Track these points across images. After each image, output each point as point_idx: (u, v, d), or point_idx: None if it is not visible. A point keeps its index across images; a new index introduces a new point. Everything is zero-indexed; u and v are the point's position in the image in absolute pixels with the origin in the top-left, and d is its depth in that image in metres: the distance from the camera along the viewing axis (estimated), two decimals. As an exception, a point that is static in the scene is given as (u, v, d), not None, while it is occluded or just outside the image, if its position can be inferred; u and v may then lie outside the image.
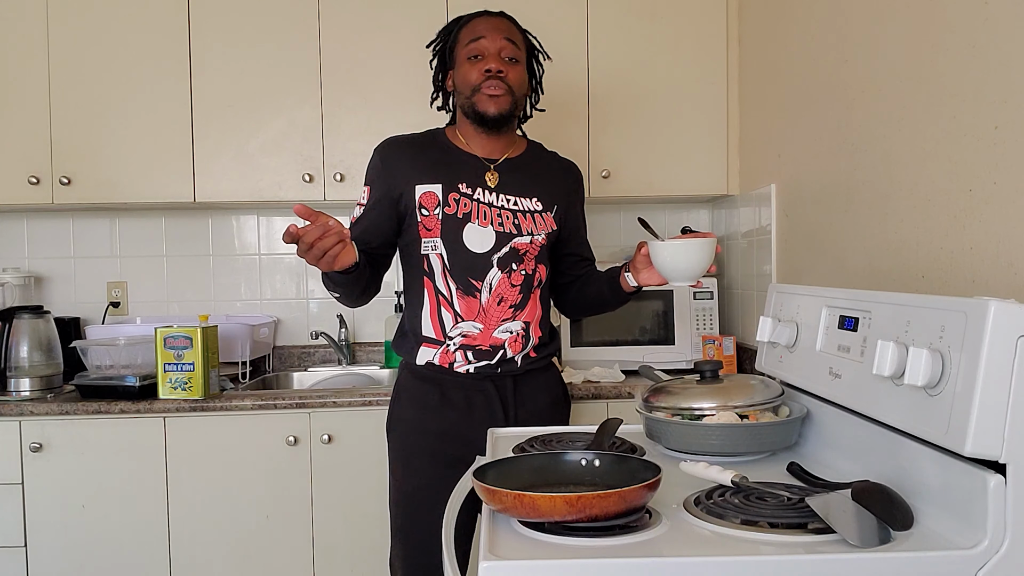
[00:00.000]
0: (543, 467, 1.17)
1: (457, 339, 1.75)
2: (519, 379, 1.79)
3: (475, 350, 1.75)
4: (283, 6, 2.56)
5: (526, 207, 1.78)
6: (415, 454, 1.77)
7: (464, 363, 1.75)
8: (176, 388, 2.28)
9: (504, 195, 1.77)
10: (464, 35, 1.74)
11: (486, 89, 1.70)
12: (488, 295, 1.74)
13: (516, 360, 1.77)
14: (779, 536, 0.97)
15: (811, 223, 2.05)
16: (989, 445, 0.93)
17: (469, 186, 1.75)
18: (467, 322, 1.74)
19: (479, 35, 1.71)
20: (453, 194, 1.74)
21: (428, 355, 1.76)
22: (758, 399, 1.40)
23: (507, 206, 1.76)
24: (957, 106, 1.39)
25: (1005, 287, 1.26)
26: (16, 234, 2.89)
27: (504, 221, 1.75)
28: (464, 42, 1.73)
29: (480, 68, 1.70)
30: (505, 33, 1.72)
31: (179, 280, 2.92)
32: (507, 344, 1.76)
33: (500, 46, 1.71)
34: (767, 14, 2.34)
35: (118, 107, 2.54)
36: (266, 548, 2.31)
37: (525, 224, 1.77)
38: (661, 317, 2.61)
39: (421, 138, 1.82)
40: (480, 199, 1.75)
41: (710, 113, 2.63)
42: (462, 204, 1.74)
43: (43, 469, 2.26)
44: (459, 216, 1.73)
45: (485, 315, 1.75)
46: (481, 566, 0.91)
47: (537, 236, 1.78)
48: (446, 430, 1.75)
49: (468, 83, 1.72)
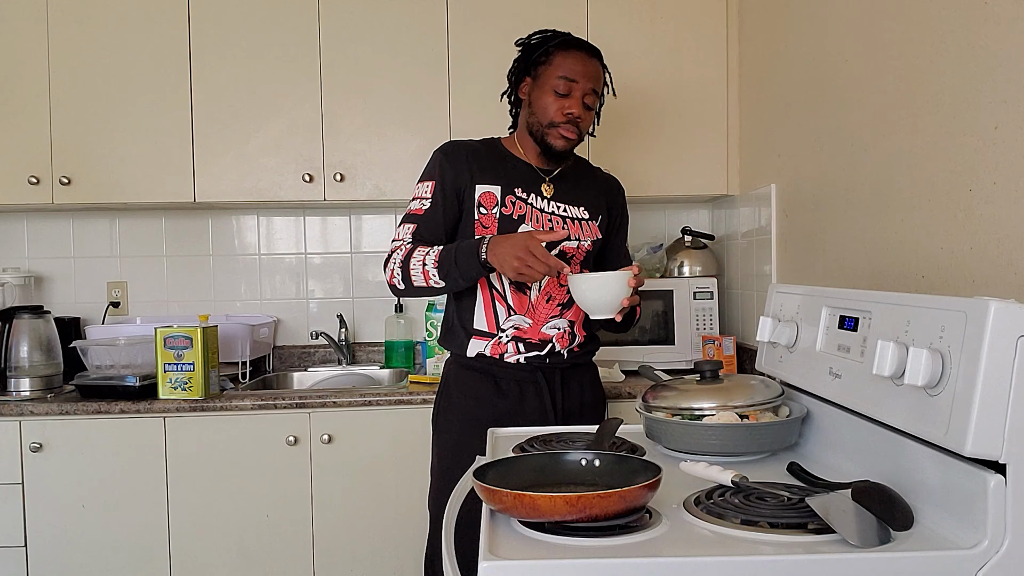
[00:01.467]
0: (543, 467, 1.17)
1: (510, 331, 1.83)
2: (566, 372, 1.87)
3: (526, 342, 1.83)
4: (283, 6, 2.56)
5: (575, 214, 1.89)
6: (467, 444, 1.78)
7: (515, 353, 1.82)
8: (176, 388, 2.28)
9: (556, 203, 1.87)
10: (559, 63, 1.79)
11: (563, 131, 1.79)
12: (537, 292, 1.84)
13: (563, 354, 1.85)
14: (779, 536, 0.98)
15: (811, 223, 2.05)
16: (989, 445, 0.93)
17: (525, 191, 1.85)
18: (518, 316, 1.83)
19: (573, 76, 1.78)
20: (510, 196, 1.83)
21: (479, 347, 1.83)
22: (758, 399, 1.40)
23: (558, 212, 1.87)
24: (957, 106, 1.39)
25: (1005, 287, 1.26)
26: (16, 234, 2.89)
27: (554, 225, 1.85)
28: (556, 72, 1.79)
29: (563, 108, 1.78)
30: (594, 83, 1.81)
31: (179, 280, 2.92)
32: (555, 339, 1.84)
33: (586, 92, 1.79)
34: (767, 14, 2.34)
35: (118, 107, 2.54)
36: (266, 548, 2.31)
37: (574, 230, 1.87)
38: (661, 317, 2.61)
39: (480, 144, 1.91)
40: (534, 204, 1.85)
41: (710, 113, 2.63)
42: (518, 206, 1.83)
43: (43, 469, 2.26)
44: (515, 217, 1.82)
45: (534, 311, 1.83)
46: (481, 566, 0.91)
47: (584, 242, 1.88)
48: (499, 420, 1.79)
49: (547, 115, 1.79)
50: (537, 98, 1.81)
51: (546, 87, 1.80)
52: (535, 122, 1.82)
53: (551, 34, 1.85)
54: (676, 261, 2.75)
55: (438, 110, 2.56)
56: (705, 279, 2.63)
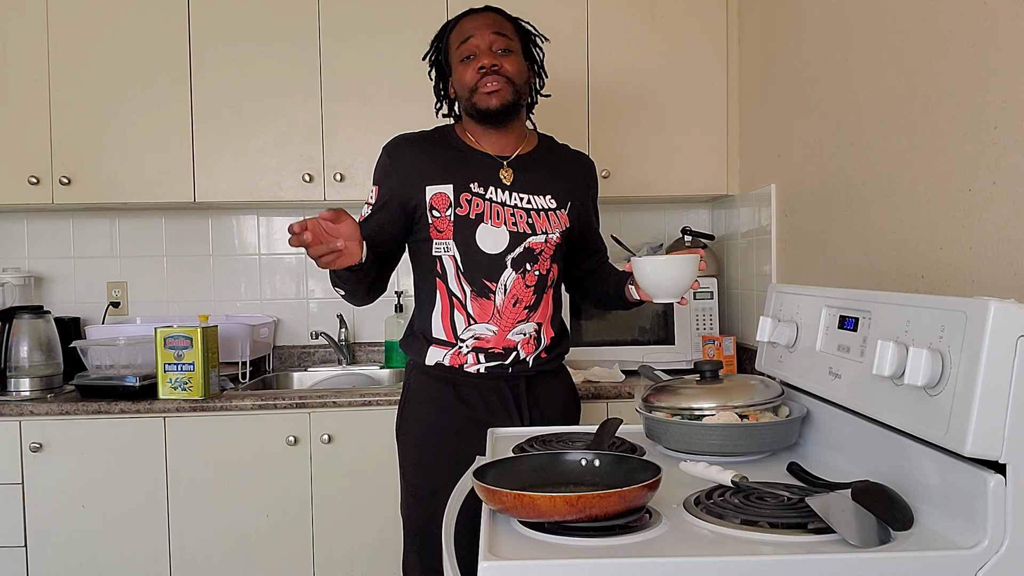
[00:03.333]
0: (543, 467, 1.17)
1: (469, 341, 1.72)
2: (531, 380, 1.77)
3: (487, 352, 1.72)
4: (283, 6, 2.56)
5: (540, 205, 1.75)
6: (431, 455, 1.73)
7: (475, 363, 1.72)
8: (176, 388, 2.28)
9: (518, 193, 1.73)
10: (454, 39, 1.73)
11: (482, 87, 1.67)
12: (503, 297, 1.71)
13: (528, 361, 1.75)
14: (779, 536, 0.97)
15: (811, 223, 2.05)
16: (989, 445, 0.93)
17: (481, 185, 1.71)
18: (480, 324, 1.72)
19: (467, 35, 1.69)
20: (465, 194, 1.70)
21: (437, 356, 1.74)
22: (758, 399, 1.40)
23: (520, 205, 1.73)
24: (957, 106, 1.39)
25: (1005, 287, 1.26)
26: (16, 234, 2.89)
27: (518, 220, 1.71)
28: (455, 45, 1.72)
29: (473, 67, 1.68)
30: (493, 27, 1.70)
31: (179, 280, 2.92)
32: (519, 346, 1.73)
33: (490, 41, 1.69)
34: (767, 14, 2.34)
35: (118, 107, 2.54)
36: (266, 548, 2.31)
37: (539, 223, 1.73)
38: (661, 317, 2.61)
39: (430, 136, 1.78)
40: (493, 198, 1.71)
41: (710, 113, 2.63)
42: (474, 204, 1.70)
43: (43, 469, 2.26)
44: (471, 217, 1.69)
45: (500, 317, 1.72)
46: (481, 566, 0.91)
47: (552, 235, 1.75)
48: (463, 428, 1.72)
49: (465, 85, 1.70)
50: (455, 80, 1.73)
51: (455, 66, 1.72)
52: (464, 101, 1.72)
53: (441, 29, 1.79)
54: (676, 261, 2.75)
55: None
56: (705, 279, 2.63)
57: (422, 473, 1.74)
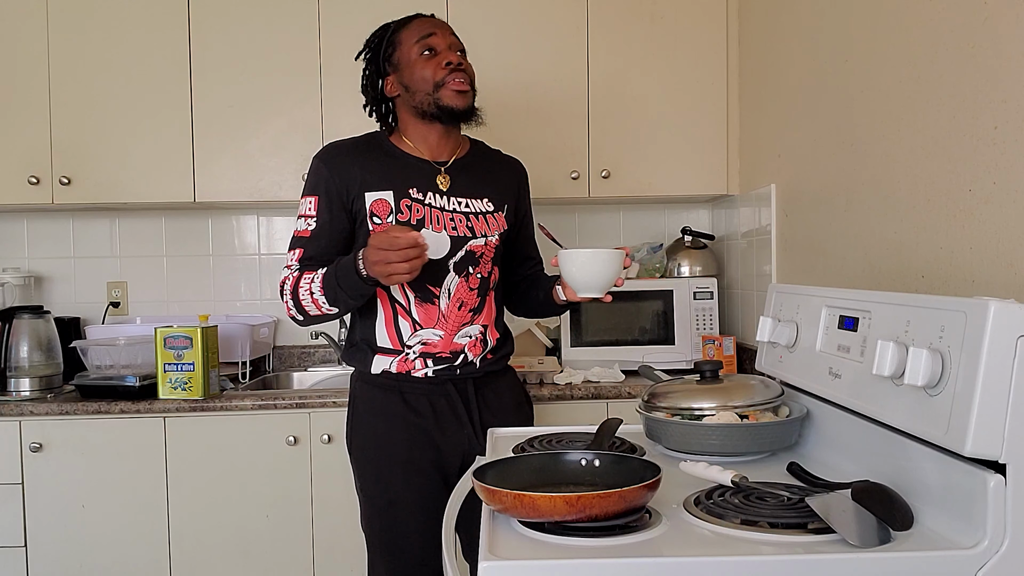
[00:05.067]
0: (543, 467, 1.17)
1: (416, 347, 1.71)
2: (479, 381, 1.76)
3: (435, 357, 1.71)
4: (283, 6, 2.56)
5: (478, 208, 1.75)
6: (385, 467, 1.71)
7: (423, 368, 1.71)
8: (176, 388, 2.28)
9: (456, 198, 1.73)
10: (408, 35, 1.71)
11: (452, 84, 1.66)
12: (448, 301, 1.71)
13: (475, 363, 1.74)
14: (779, 536, 0.98)
15: (811, 223, 2.05)
16: (989, 445, 0.93)
17: (420, 191, 1.70)
18: (426, 329, 1.71)
19: (429, 32, 1.69)
20: (405, 200, 1.69)
21: (384, 364, 1.71)
22: (758, 399, 1.40)
23: (459, 209, 1.73)
24: (957, 106, 1.39)
25: (1005, 287, 1.26)
26: (16, 234, 2.89)
27: (458, 224, 1.71)
28: (411, 41, 1.70)
29: (439, 62, 1.67)
30: (450, 32, 1.73)
31: (179, 280, 2.92)
32: (467, 348, 1.73)
33: (450, 41, 1.71)
34: (767, 14, 2.34)
35: (118, 107, 2.54)
36: (266, 548, 2.31)
37: (479, 226, 1.74)
38: (661, 317, 2.61)
39: (364, 142, 1.77)
40: (432, 204, 1.70)
41: (710, 113, 2.63)
42: (415, 210, 1.69)
43: (43, 469, 2.26)
44: (413, 223, 1.68)
45: (446, 321, 1.71)
46: (481, 566, 0.91)
47: (491, 237, 1.75)
48: (413, 437, 1.70)
49: (428, 79, 1.67)
50: (409, 77, 1.69)
51: (411, 61, 1.68)
52: (421, 97, 1.68)
53: (380, 28, 1.77)
54: (676, 261, 2.75)
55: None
56: (705, 279, 2.63)
57: (378, 485, 1.72)
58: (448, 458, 1.72)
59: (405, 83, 1.71)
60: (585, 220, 2.96)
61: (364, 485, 1.75)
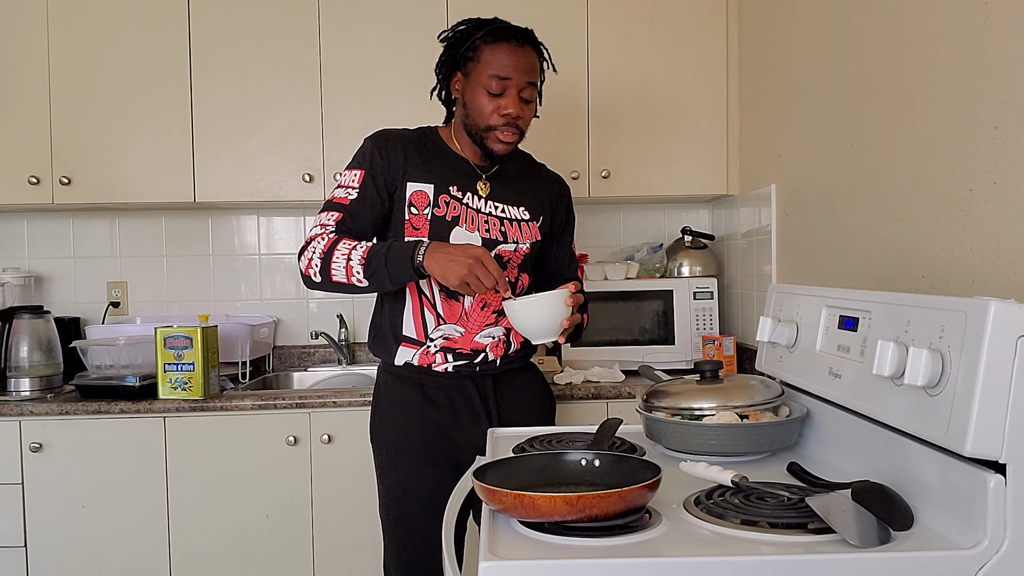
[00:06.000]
0: (543, 467, 1.18)
1: (438, 341, 1.74)
2: (498, 378, 1.80)
3: (455, 352, 1.74)
4: (283, 6, 2.56)
5: (513, 215, 1.78)
6: (401, 456, 1.76)
7: (443, 363, 1.75)
8: (176, 388, 2.28)
9: (493, 202, 1.76)
10: (488, 59, 1.65)
11: (501, 135, 1.67)
12: (471, 299, 1.74)
13: (496, 361, 1.78)
14: (779, 536, 0.98)
15: (811, 223, 2.05)
16: (989, 445, 0.93)
17: (460, 190, 1.74)
18: (449, 325, 1.74)
19: (506, 73, 1.64)
20: (444, 196, 1.72)
21: (407, 355, 1.76)
22: (758, 399, 1.40)
23: (495, 213, 1.76)
24: (957, 106, 1.39)
25: (1005, 287, 1.26)
26: (16, 234, 2.89)
27: (491, 228, 1.74)
28: (486, 70, 1.65)
29: (500, 109, 1.65)
30: (528, 76, 1.67)
31: (179, 280, 2.92)
32: (488, 348, 1.76)
33: (521, 87, 1.66)
34: (767, 14, 2.34)
35: (118, 107, 2.54)
36: (266, 548, 2.31)
37: (511, 232, 1.77)
38: (661, 317, 2.61)
39: (415, 135, 1.79)
40: (469, 204, 1.74)
41: (710, 113, 2.63)
42: (452, 207, 1.72)
43: (43, 469, 2.26)
44: (448, 219, 1.71)
45: (468, 319, 1.74)
46: (481, 566, 0.91)
47: (522, 245, 1.78)
48: (429, 429, 1.75)
49: (483, 117, 1.67)
50: (471, 98, 1.68)
51: (478, 87, 1.66)
52: (472, 124, 1.69)
53: (474, 24, 1.70)
54: (676, 261, 2.75)
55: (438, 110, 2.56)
56: (705, 279, 2.63)
57: (394, 474, 1.77)
58: (463, 452, 1.74)
59: (466, 99, 1.71)
60: (585, 220, 2.96)
61: (382, 474, 1.81)
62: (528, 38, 1.69)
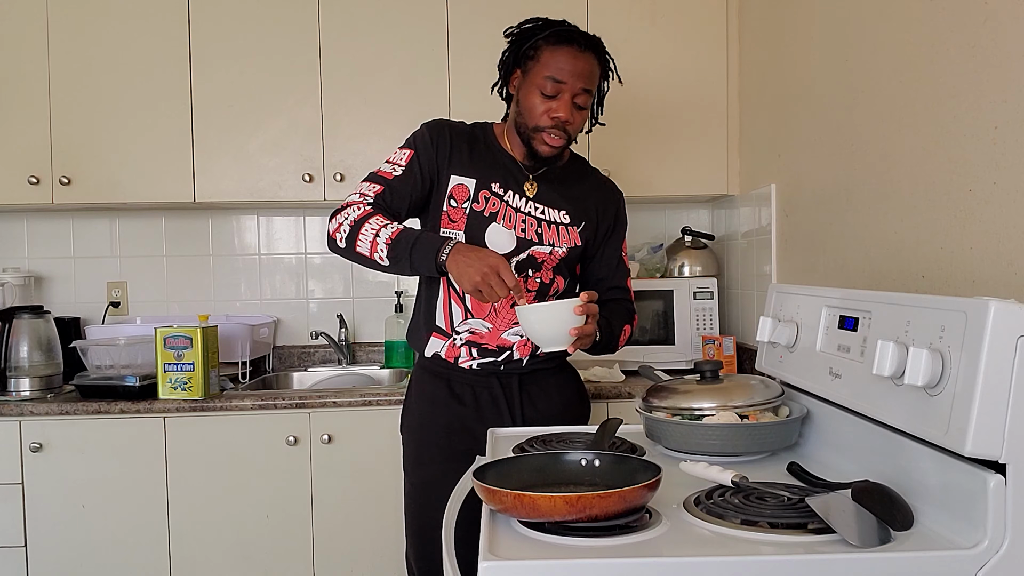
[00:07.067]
0: (543, 467, 1.18)
1: (464, 334, 1.75)
2: (525, 378, 1.78)
3: (480, 348, 1.74)
4: (283, 6, 2.56)
5: (553, 218, 1.76)
6: (425, 449, 1.78)
7: (468, 359, 1.75)
8: (176, 388, 2.28)
9: (534, 203, 1.75)
10: (547, 60, 1.64)
11: (548, 137, 1.67)
12: None
13: (522, 361, 1.76)
14: (779, 536, 0.97)
15: (811, 223, 2.05)
16: (989, 445, 0.93)
17: (502, 187, 1.74)
18: (476, 320, 1.74)
19: (562, 77, 1.63)
20: (484, 191, 1.73)
21: (436, 346, 1.77)
22: (758, 399, 1.40)
23: (534, 213, 1.74)
24: (957, 106, 1.39)
25: (1005, 287, 1.26)
26: (16, 234, 2.89)
27: (527, 228, 1.73)
28: (543, 71, 1.64)
29: (550, 112, 1.64)
30: (585, 81, 1.65)
31: (179, 280, 2.92)
32: (516, 347, 1.75)
33: (576, 92, 1.65)
34: (767, 14, 2.34)
35: (118, 107, 2.54)
36: (266, 548, 2.31)
37: (548, 234, 1.75)
38: (661, 317, 2.61)
39: (468, 129, 1.80)
40: (509, 202, 1.73)
41: (710, 113, 2.63)
42: (491, 203, 1.73)
43: (43, 469, 2.26)
44: (485, 214, 1.72)
45: (496, 315, 1.74)
46: (481, 566, 0.91)
47: (558, 248, 1.75)
48: (453, 424, 1.76)
49: (533, 117, 1.66)
50: (524, 96, 1.68)
51: (533, 86, 1.66)
52: (522, 122, 1.69)
53: (542, 23, 1.69)
54: (676, 261, 2.75)
55: (438, 110, 2.56)
56: (705, 279, 2.63)
57: (417, 466, 1.80)
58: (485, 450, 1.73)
59: (520, 97, 1.71)
60: (585, 220, 2.96)
61: (406, 465, 1.83)
62: (592, 45, 1.67)
